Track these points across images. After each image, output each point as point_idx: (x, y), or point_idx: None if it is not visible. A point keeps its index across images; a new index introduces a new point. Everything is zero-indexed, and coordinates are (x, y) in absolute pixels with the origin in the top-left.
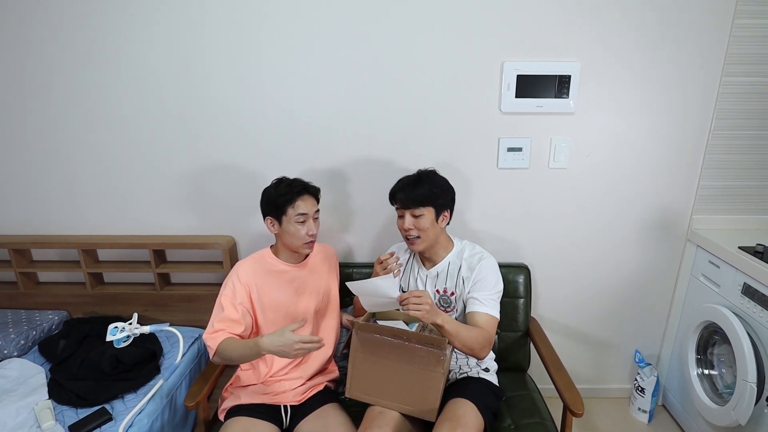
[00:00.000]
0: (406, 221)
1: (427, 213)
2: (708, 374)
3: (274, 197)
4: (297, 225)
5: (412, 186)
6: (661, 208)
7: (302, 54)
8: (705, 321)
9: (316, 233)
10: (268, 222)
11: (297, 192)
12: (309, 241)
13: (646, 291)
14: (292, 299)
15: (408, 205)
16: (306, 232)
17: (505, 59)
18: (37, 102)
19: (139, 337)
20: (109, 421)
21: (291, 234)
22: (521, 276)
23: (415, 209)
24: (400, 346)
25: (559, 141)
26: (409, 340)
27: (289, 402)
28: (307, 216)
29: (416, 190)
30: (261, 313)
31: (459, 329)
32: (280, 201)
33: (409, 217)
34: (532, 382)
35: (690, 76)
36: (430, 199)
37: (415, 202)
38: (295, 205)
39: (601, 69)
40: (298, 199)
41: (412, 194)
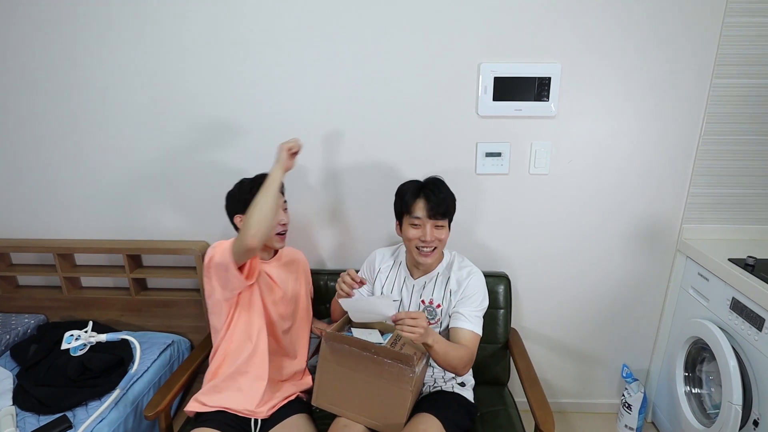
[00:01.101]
0: (428, 233)
1: (446, 224)
2: (697, 393)
3: (241, 194)
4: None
5: (438, 193)
6: (649, 217)
7: (276, 58)
8: (692, 336)
9: (287, 222)
10: (238, 220)
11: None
12: (281, 231)
13: (635, 303)
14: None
15: (435, 216)
16: (277, 222)
17: (481, 61)
18: (16, 105)
19: (106, 343)
20: (69, 429)
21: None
22: (501, 286)
23: (440, 220)
24: (370, 359)
25: (539, 146)
26: (378, 353)
27: (261, 416)
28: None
29: (442, 202)
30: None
31: (448, 349)
32: (249, 196)
33: (432, 228)
34: (510, 397)
35: (679, 77)
36: (451, 208)
37: (442, 213)
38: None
39: (583, 71)
40: None
41: (438, 205)
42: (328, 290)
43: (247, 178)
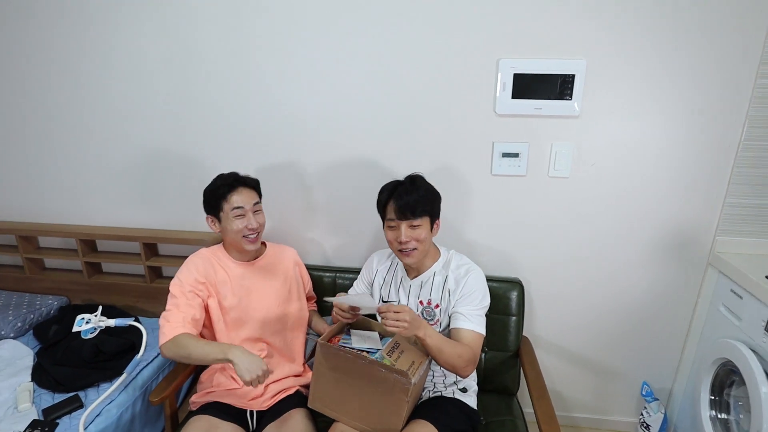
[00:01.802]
0: (403, 233)
1: (424, 223)
2: (723, 418)
3: (209, 194)
4: (234, 220)
5: (408, 194)
6: (679, 227)
7: (290, 53)
8: (722, 358)
9: (256, 227)
10: (209, 221)
11: (229, 185)
12: (249, 235)
13: (659, 317)
14: (244, 299)
15: (406, 216)
16: (245, 226)
17: (500, 56)
18: (44, 97)
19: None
20: (80, 408)
21: (230, 231)
22: (514, 292)
23: (413, 219)
24: (363, 366)
25: (560, 147)
26: (373, 364)
27: (256, 408)
28: (243, 209)
29: (413, 199)
30: (216, 307)
31: (442, 345)
32: (214, 197)
33: (407, 228)
34: (519, 408)
35: (717, 76)
36: (427, 207)
37: (414, 212)
38: (229, 200)
39: (610, 68)
40: (233, 193)
41: (410, 204)
42: (336, 287)
43: (222, 174)
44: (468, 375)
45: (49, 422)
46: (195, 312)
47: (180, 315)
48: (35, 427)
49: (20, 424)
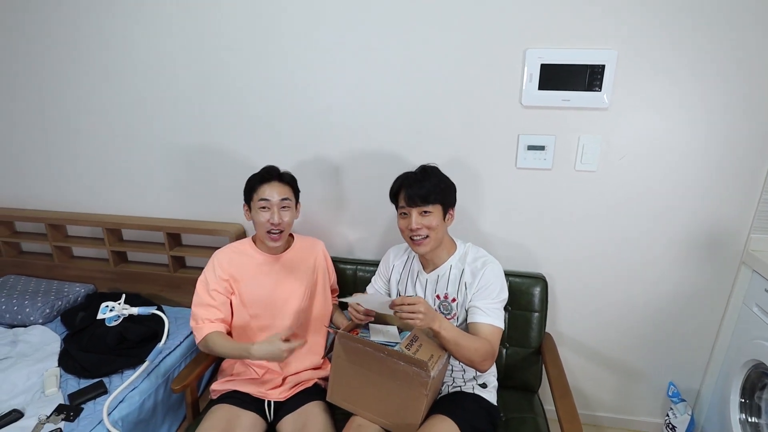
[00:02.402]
0: (414, 221)
1: (435, 211)
2: (754, 422)
3: (246, 182)
4: (259, 212)
5: (419, 181)
6: (711, 223)
7: (312, 44)
8: (753, 359)
9: (281, 223)
10: (244, 209)
11: (262, 177)
12: (272, 230)
13: (688, 317)
14: (271, 291)
15: (416, 203)
16: (267, 220)
17: (527, 46)
18: (70, 89)
19: (142, 316)
20: (104, 394)
21: (256, 222)
22: (537, 287)
23: (423, 206)
24: (383, 360)
25: (588, 140)
26: (392, 356)
27: (274, 398)
28: (269, 203)
29: (423, 186)
30: (239, 303)
31: (459, 338)
32: (249, 186)
33: (417, 215)
34: (540, 405)
35: (757, 65)
36: (438, 195)
37: (423, 199)
38: (258, 191)
39: (642, 58)
40: (264, 185)
41: (419, 190)
42: (356, 280)
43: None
44: (486, 369)
45: (74, 407)
46: (219, 310)
47: (205, 315)
48: (61, 412)
49: (47, 409)
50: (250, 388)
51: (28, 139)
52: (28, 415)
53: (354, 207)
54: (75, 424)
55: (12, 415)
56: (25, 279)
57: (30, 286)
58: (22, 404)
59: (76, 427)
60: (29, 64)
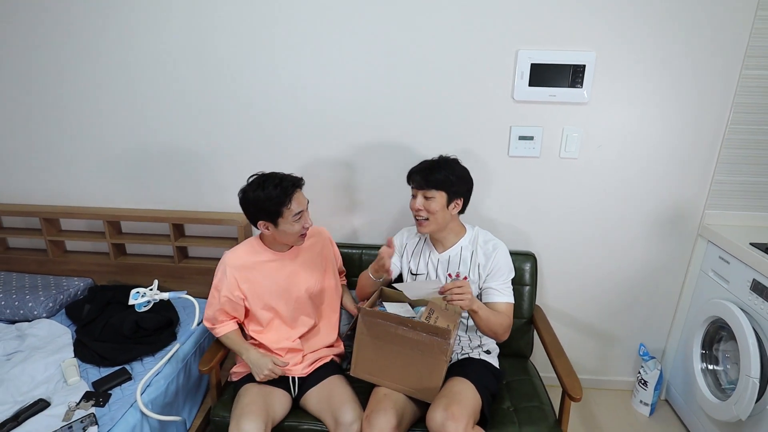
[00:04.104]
0: (417, 201)
1: (439, 197)
2: (712, 369)
3: (265, 202)
4: (294, 223)
5: (429, 169)
6: (673, 203)
7: (313, 40)
8: (712, 316)
9: (311, 224)
10: (262, 226)
11: (290, 192)
12: (304, 234)
13: (655, 285)
14: (284, 288)
15: (422, 186)
16: (303, 226)
17: (519, 48)
18: (71, 77)
19: (159, 303)
20: (129, 380)
21: (289, 233)
22: (528, 264)
23: (427, 191)
24: (404, 332)
25: (570, 131)
26: (414, 328)
27: (297, 374)
28: (303, 212)
29: (432, 173)
30: (253, 302)
31: (489, 315)
32: (273, 205)
33: (421, 198)
34: (534, 369)
35: (708, 68)
36: (445, 184)
37: (429, 183)
38: (290, 206)
39: (616, 59)
40: (293, 200)
41: (427, 176)
42: (362, 263)
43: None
44: (505, 338)
45: (102, 393)
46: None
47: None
48: (90, 398)
49: (74, 396)
50: None
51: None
52: (56, 403)
53: (357, 195)
54: (106, 408)
55: (39, 405)
56: (17, 275)
57: (25, 282)
58: (45, 394)
59: (108, 411)
60: (15, 55)
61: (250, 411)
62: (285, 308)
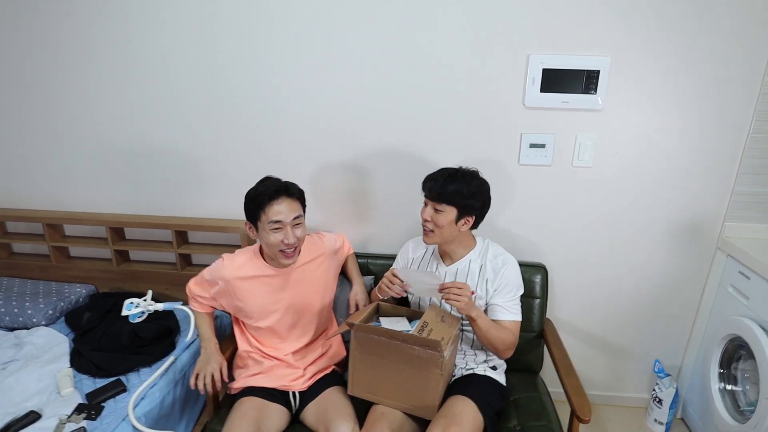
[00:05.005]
0: (426, 211)
1: (449, 211)
2: (731, 390)
3: (248, 200)
4: (271, 233)
5: (443, 180)
6: (690, 213)
7: (321, 44)
8: (730, 334)
9: (294, 242)
10: (247, 227)
11: (270, 195)
12: (286, 250)
13: (671, 299)
14: (285, 304)
15: (433, 197)
16: (281, 241)
17: (531, 52)
18: (72, 86)
19: (156, 313)
20: (124, 392)
21: (266, 243)
22: (538, 276)
23: (437, 203)
24: (397, 347)
25: (584, 138)
26: (406, 341)
27: (297, 389)
28: (282, 223)
29: (445, 186)
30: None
31: (489, 327)
32: (253, 204)
33: (431, 209)
34: (543, 385)
35: (729, 74)
36: (456, 198)
37: (439, 196)
38: (267, 211)
39: (632, 65)
40: (273, 204)
41: (439, 188)
42: (368, 272)
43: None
44: (507, 357)
45: (94, 405)
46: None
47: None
48: (81, 411)
49: (66, 409)
50: (271, 382)
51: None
52: (47, 416)
53: (362, 204)
54: (98, 422)
55: (30, 417)
56: (19, 281)
57: (27, 288)
58: (38, 406)
59: (99, 425)
60: (18, 60)
61: (239, 427)
62: (282, 322)
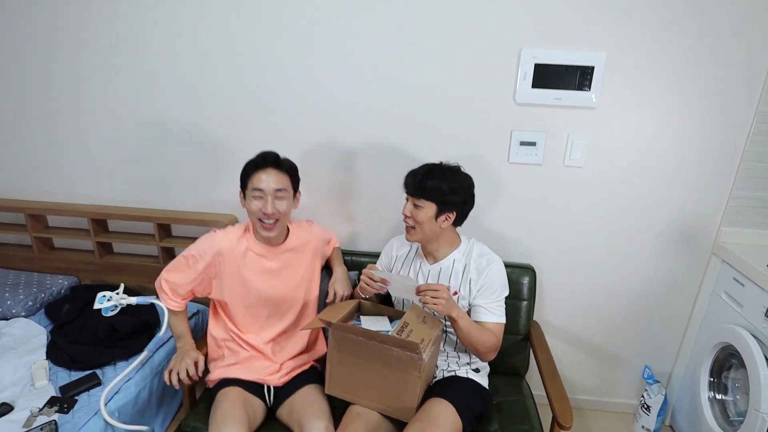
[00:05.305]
0: (406, 208)
1: (428, 207)
2: (720, 399)
3: (243, 169)
4: (252, 200)
5: (422, 175)
6: (686, 216)
7: (312, 38)
8: (722, 342)
9: (273, 212)
10: (240, 196)
11: (258, 163)
12: (264, 220)
13: (663, 304)
14: (267, 283)
15: (413, 193)
16: (259, 209)
17: (522, 46)
18: (54, 73)
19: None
20: (98, 385)
21: (248, 210)
22: (526, 278)
23: (417, 199)
24: (375, 347)
25: (576, 137)
26: (384, 342)
27: (273, 384)
28: (263, 192)
29: (424, 181)
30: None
31: (471, 328)
32: (244, 172)
33: (410, 204)
34: (528, 389)
35: (730, 73)
36: (436, 194)
37: (418, 192)
38: (252, 178)
39: (628, 61)
40: (259, 171)
41: (418, 183)
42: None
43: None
44: (489, 360)
45: (67, 399)
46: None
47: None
48: (54, 404)
49: (38, 401)
50: (249, 374)
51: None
52: (19, 408)
53: (348, 200)
54: (70, 416)
55: (2, 408)
56: (2, 271)
57: (9, 279)
58: (11, 397)
59: (71, 418)
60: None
61: (231, 417)
62: (261, 308)
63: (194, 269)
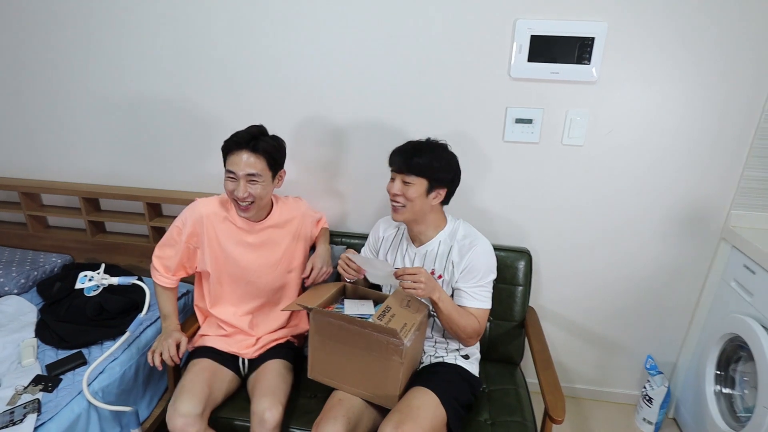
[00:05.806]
0: (395, 185)
1: (419, 184)
2: (727, 393)
3: (222, 144)
4: (226, 181)
5: (412, 151)
6: (693, 199)
7: (302, 12)
8: (730, 333)
9: (244, 196)
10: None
11: (232, 145)
12: (238, 202)
13: (668, 291)
14: (246, 257)
15: (401, 170)
16: (231, 191)
17: (518, 17)
18: (44, 51)
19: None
20: (84, 365)
21: (225, 189)
22: (521, 262)
23: (406, 176)
24: (357, 332)
25: (575, 114)
26: (365, 327)
27: (248, 356)
28: (236, 175)
29: (414, 157)
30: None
31: (452, 311)
32: (222, 148)
33: (399, 182)
34: (522, 377)
35: (742, 43)
36: (426, 170)
37: (409, 168)
38: (228, 158)
39: (632, 32)
40: (233, 153)
41: (408, 160)
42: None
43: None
44: (471, 345)
45: (52, 378)
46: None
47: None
48: (39, 383)
49: (24, 379)
50: (224, 345)
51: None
52: (5, 386)
53: (337, 179)
54: (53, 394)
55: None
56: None
57: (3, 256)
58: None
59: (54, 397)
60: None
61: (189, 389)
62: (240, 282)
63: (179, 241)
